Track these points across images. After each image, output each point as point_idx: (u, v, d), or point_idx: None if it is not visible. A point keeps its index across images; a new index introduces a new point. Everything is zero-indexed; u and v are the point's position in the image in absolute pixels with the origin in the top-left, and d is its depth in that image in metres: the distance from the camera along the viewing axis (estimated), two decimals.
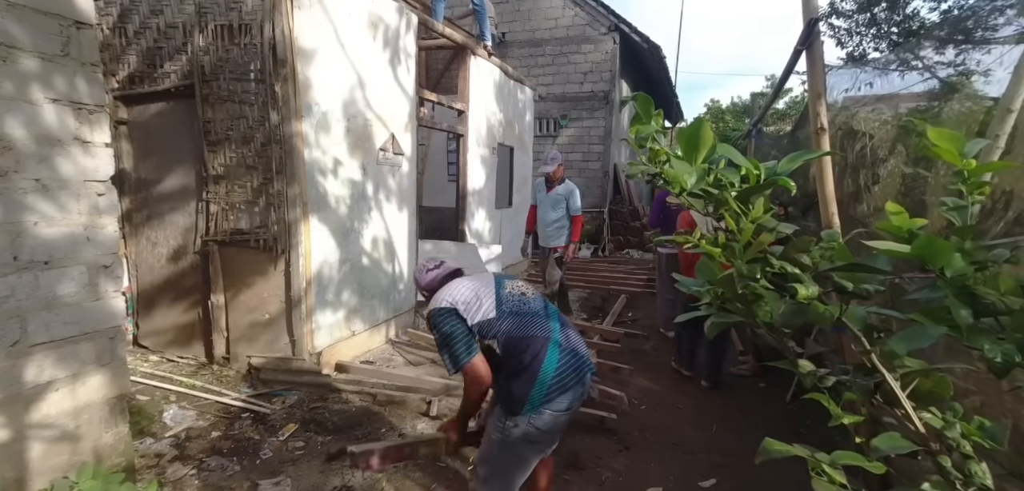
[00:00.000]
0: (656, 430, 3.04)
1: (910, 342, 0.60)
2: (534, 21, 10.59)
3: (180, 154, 3.44)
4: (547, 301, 1.81)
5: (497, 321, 1.63)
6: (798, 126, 4.59)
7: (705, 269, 0.74)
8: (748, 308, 0.63)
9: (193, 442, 2.60)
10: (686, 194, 0.64)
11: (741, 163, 0.67)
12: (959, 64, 5.62)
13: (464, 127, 5.54)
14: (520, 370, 1.58)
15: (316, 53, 3.27)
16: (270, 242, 3.21)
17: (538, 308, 1.72)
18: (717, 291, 0.67)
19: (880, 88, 4.02)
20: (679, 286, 0.82)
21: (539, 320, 1.66)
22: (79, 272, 1.83)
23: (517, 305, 1.69)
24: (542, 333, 1.62)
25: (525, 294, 1.76)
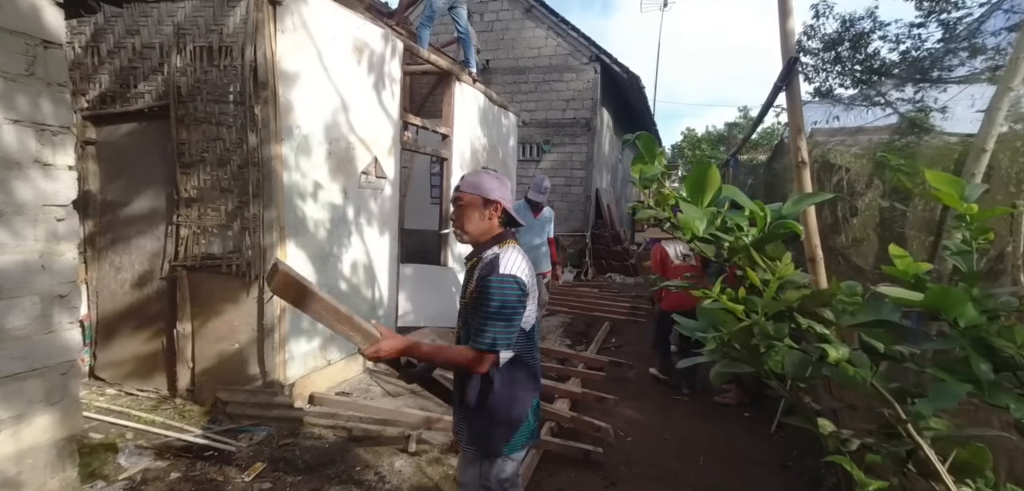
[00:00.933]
0: (642, 463, 2.98)
1: (936, 402, 0.57)
2: (518, 50, 10.79)
3: (150, 176, 3.30)
4: None
5: (524, 336, 1.43)
6: (774, 157, 4.73)
7: (708, 313, 0.71)
8: (757, 358, 0.60)
9: (149, 485, 2.42)
10: (696, 240, 0.61)
11: (747, 205, 0.65)
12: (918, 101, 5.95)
13: (448, 151, 5.52)
14: (518, 399, 1.44)
15: (299, 76, 3.22)
16: (243, 267, 3.09)
17: (538, 338, 1.55)
18: (723, 337, 0.65)
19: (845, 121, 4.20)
20: (679, 327, 0.79)
21: (539, 355, 1.53)
22: (31, 303, 1.70)
23: (537, 330, 1.51)
24: (539, 369, 1.51)
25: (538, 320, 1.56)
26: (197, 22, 3.08)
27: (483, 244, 1.45)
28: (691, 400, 4.00)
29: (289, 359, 3.23)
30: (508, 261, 1.36)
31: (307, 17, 3.24)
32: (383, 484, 2.51)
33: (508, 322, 1.34)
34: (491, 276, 1.35)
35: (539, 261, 4.55)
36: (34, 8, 1.70)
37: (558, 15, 10.46)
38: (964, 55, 5.66)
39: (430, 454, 2.78)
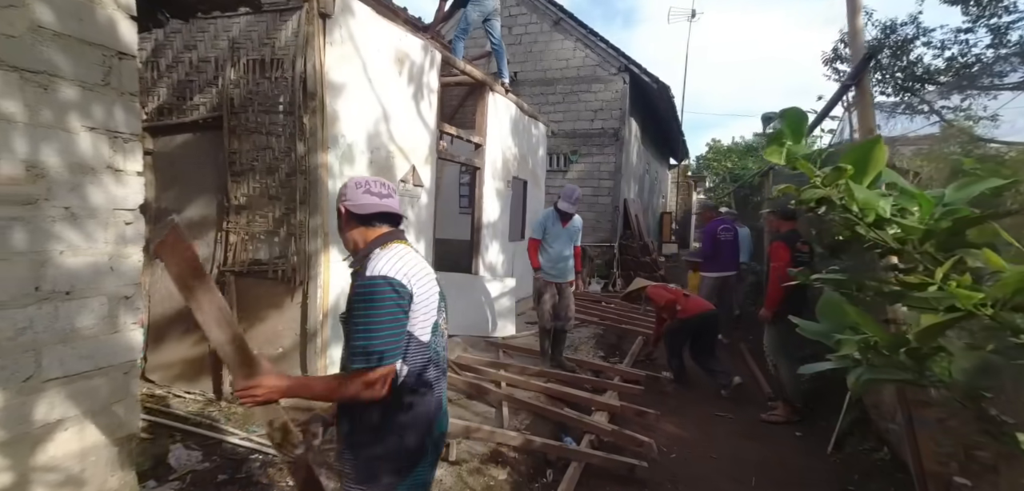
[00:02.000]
0: (690, 483, 2.86)
1: None
2: (546, 61, 10.83)
3: (203, 184, 3.42)
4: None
5: (420, 348, 1.25)
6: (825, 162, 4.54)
7: (833, 310, 0.65)
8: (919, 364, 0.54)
9: (199, 486, 2.46)
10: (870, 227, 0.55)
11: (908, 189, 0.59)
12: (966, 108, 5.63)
13: (481, 160, 5.55)
14: (406, 423, 1.24)
15: (345, 87, 3.29)
16: (289, 273, 3.15)
17: (444, 360, 1.36)
18: (869, 340, 0.58)
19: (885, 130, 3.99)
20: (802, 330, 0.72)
21: (442, 376, 1.34)
22: (99, 303, 1.76)
23: (441, 343, 1.33)
24: (439, 392, 1.32)
25: (445, 335, 1.38)
26: (251, 36, 3.19)
27: (361, 253, 1.29)
28: (735, 417, 3.85)
29: (330, 365, 3.26)
30: (378, 263, 1.20)
31: (354, 29, 3.32)
32: None
33: (386, 327, 1.15)
34: (358, 282, 1.22)
35: (566, 272, 4.45)
36: (111, 21, 1.78)
37: (587, 27, 10.47)
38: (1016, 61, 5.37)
39: (471, 464, 2.74)
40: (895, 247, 0.51)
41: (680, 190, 22.80)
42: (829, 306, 0.68)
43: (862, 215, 0.53)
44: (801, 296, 3.66)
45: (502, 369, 4.26)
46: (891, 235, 0.52)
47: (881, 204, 0.54)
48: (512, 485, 2.66)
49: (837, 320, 0.65)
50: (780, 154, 0.63)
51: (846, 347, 0.61)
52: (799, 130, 0.61)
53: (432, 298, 1.29)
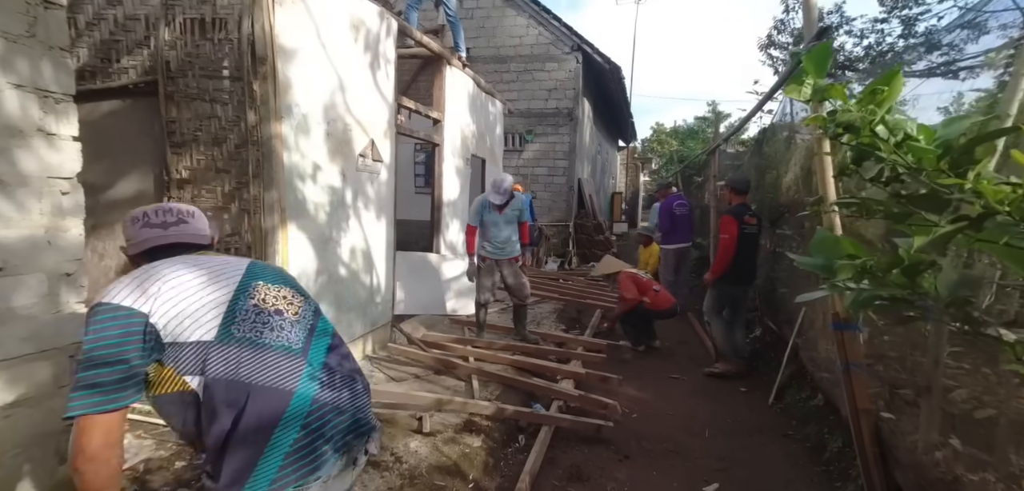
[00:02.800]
0: (652, 438, 3.05)
1: None
2: (499, 38, 10.72)
3: (137, 157, 3.11)
4: (315, 321, 1.21)
5: (211, 349, 1.01)
6: (763, 141, 4.90)
7: (826, 246, 0.72)
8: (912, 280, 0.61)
9: (155, 475, 2.31)
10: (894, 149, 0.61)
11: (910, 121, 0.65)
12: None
13: (440, 137, 5.45)
14: (240, 435, 0.98)
15: (297, 52, 3.10)
16: (243, 251, 2.96)
17: (294, 341, 1.11)
18: (865, 264, 0.66)
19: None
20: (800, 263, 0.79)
21: (285, 360, 1.06)
22: (38, 280, 1.58)
23: (260, 327, 1.08)
24: (281, 383, 1.03)
25: (282, 313, 1.13)
26: None
27: None
28: (688, 379, 4.12)
29: None
30: (114, 285, 1.02)
31: None
32: (400, 464, 2.47)
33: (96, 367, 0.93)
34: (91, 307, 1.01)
35: (510, 249, 4.48)
36: None
37: (539, 4, 10.45)
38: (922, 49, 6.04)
39: (445, 434, 2.76)
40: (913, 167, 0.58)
41: (628, 171, 23.57)
42: (823, 241, 0.76)
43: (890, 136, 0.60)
44: (741, 267, 3.99)
45: (469, 345, 4.28)
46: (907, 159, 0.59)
47: (908, 125, 0.61)
48: (487, 451, 2.71)
49: (831, 253, 0.72)
50: (800, 92, 0.68)
51: (843, 273, 0.68)
52: (822, 66, 0.67)
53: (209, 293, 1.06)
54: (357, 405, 1.13)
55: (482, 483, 2.49)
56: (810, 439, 2.96)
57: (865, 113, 0.62)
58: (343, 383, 1.13)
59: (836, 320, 2.19)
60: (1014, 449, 1.50)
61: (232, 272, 1.13)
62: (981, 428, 1.71)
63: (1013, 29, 2.23)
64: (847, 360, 2.17)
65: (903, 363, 2.41)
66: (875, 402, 2.27)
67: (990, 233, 0.53)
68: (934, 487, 1.71)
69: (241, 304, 1.08)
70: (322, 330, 1.20)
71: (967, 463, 1.62)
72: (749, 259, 4.04)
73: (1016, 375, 1.56)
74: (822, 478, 2.61)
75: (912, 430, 1.94)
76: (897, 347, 2.43)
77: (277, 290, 1.17)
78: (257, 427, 0.98)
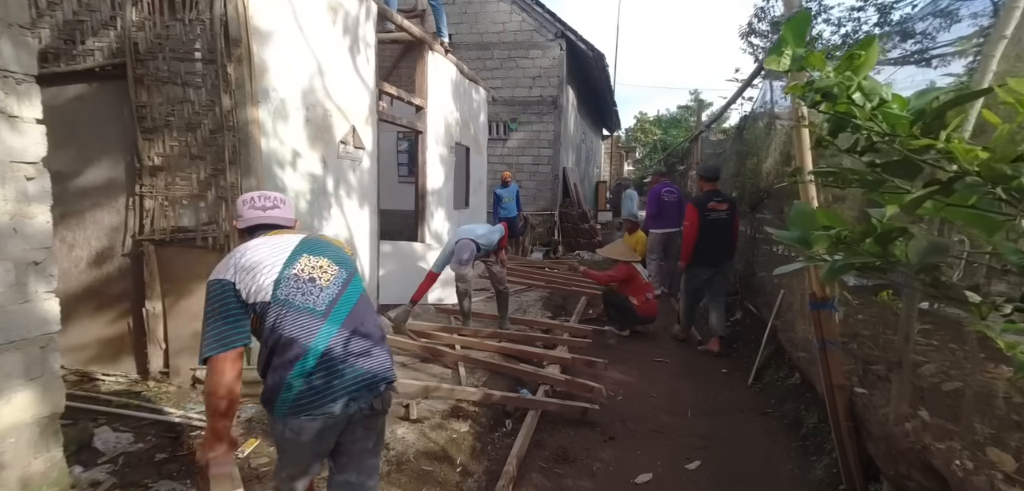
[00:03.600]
0: (636, 419, 3.10)
1: None
2: (482, 24, 10.60)
3: (105, 143, 3.00)
4: (345, 293, 1.47)
5: (269, 309, 1.35)
6: (743, 128, 4.97)
7: (803, 219, 0.74)
8: (884, 248, 0.63)
9: (135, 467, 2.25)
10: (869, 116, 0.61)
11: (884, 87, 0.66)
12: None
13: (423, 124, 5.38)
14: (274, 367, 1.35)
15: (273, 35, 3.01)
16: (221, 240, 2.89)
17: (319, 304, 1.40)
18: (840, 235, 0.67)
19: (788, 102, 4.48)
20: (777, 236, 0.81)
21: (308, 319, 1.37)
22: (4, 269, 1.52)
23: (293, 294, 1.38)
24: (302, 336, 1.34)
25: (315, 280, 1.42)
26: None
27: None
28: (672, 362, 4.20)
29: None
30: (223, 260, 1.43)
31: None
32: (388, 451, 2.46)
33: (212, 319, 1.33)
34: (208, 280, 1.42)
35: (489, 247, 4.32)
36: None
37: None
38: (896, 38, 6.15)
39: (432, 421, 2.76)
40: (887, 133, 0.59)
41: (613, 160, 23.68)
42: (800, 215, 0.77)
43: (866, 102, 0.61)
44: (708, 250, 4.26)
45: (455, 333, 4.27)
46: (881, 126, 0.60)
47: (883, 91, 0.62)
48: (474, 436, 2.72)
49: (807, 225, 0.74)
50: (780, 62, 0.68)
51: (820, 244, 0.69)
52: (801, 36, 0.67)
53: (269, 262, 1.40)
54: (366, 360, 1.42)
55: (470, 467, 2.50)
56: (788, 416, 3.05)
57: (843, 79, 0.63)
58: (356, 342, 1.42)
59: (813, 300, 2.25)
60: (978, 418, 1.57)
61: (285, 248, 1.44)
62: (948, 400, 1.79)
63: (984, 18, 2.29)
64: (823, 338, 2.23)
65: (876, 340, 2.49)
66: (849, 378, 2.34)
67: (960, 197, 0.55)
68: (904, 457, 1.78)
69: (286, 273, 1.40)
70: (348, 296, 1.47)
71: (935, 433, 1.68)
72: (717, 242, 4.24)
73: (982, 348, 1.62)
74: (799, 453, 2.70)
75: (884, 404, 2.01)
76: (871, 325, 2.52)
77: (316, 261, 1.45)
78: (280, 366, 1.34)
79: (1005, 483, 1.37)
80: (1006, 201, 0.54)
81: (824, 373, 2.31)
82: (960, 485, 1.46)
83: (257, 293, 1.35)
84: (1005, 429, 1.48)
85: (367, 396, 1.40)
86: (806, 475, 2.50)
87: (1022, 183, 0.51)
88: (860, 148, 0.65)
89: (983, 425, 1.53)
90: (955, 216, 0.62)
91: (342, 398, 1.36)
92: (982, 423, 1.54)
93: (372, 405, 1.42)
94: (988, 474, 1.40)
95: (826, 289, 2.23)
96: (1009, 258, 0.56)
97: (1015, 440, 1.42)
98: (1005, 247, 0.57)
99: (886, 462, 1.95)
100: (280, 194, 1.60)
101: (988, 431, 1.52)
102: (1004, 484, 1.37)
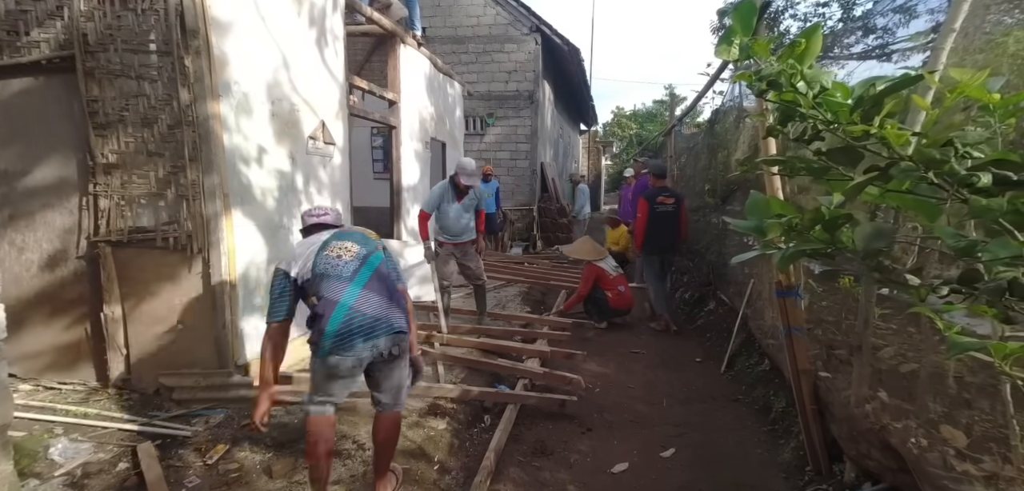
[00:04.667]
0: (613, 410, 3.14)
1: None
2: (456, 18, 10.48)
3: (55, 140, 2.84)
4: (364, 266, 1.97)
5: (312, 282, 1.92)
6: (714, 122, 5.06)
7: (759, 208, 0.74)
8: (831, 235, 0.63)
9: (94, 478, 2.16)
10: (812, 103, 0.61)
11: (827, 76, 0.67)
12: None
13: (396, 119, 5.29)
14: (316, 322, 1.88)
15: (233, 25, 2.90)
16: (183, 240, 2.78)
17: (345, 273, 1.92)
18: (791, 222, 0.68)
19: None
20: (735, 226, 0.81)
21: (337, 283, 1.90)
22: None
23: (326, 267, 1.92)
24: (333, 296, 1.87)
25: (341, 257, 1.95)
26: None
27: None
28: (648, 353, 4.26)
29: (243, 338, 2.98)
30: (279, 263, 2.06)
31: None
32: (363, 452, 2.42)
33: (271, 297, 1.97)
34: None
35: (466, 232, 4.38)
36: None
37: None
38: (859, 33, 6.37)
39: (409, 419, 2.72)
40: (830, 121, 0.60)
41: (591, 155, 23.85)
42: (755, 204, 0.78)
43: (807, 90, 0.61)
44: (658, 238, 4.73)
45: (434, 330, 4.23)
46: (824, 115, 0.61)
47: (824, 78, 0.62)
48: (452, 432, 2.70)
49: (762, 213, 0.74)
50: (729, 51, 0.68)
51: (773, 231, 0.70)
52: (749, 24, 0.67)
53: (310, 250, 1.97)
54: (380, 314, 1.91)
55: (447, 463, 2.48)
56: (758, 402, 3.13)
57: (787, 67, 0.63)
58: (374, 299, 1.92)
59: (778, 288, 2.31)
60: (932, 397, 1.63)
61: (321, 238, 2.01)
62: (905, 381, 1.86)
63: (940, 14, 2.38)
64: (789, 325, 2.29)
65: (839, 326, 2.57)
66: (814, 363, 2.42)
67: (896, 183, 0.56)
68: (864, 437, 1.85)
69: (321, 254, 1.95)
70: (369, 266, 1.98)
71: (893, 413, 1.75)
72: (666, 231, 4.74)
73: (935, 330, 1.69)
74: (768, 437, 2.77)
75: (846, 387, 2.08)
76: (834, 311, 2.60)
77: (342, 244, 1.99)
78: (321, 318, 1.86)
79: (957, 459, 1.43)
80: (938, 184, 0.55)
81: (790, 359, 2.37)
82: (915, 462, 1.52)
83: (303, 272, 1.93)
84: (956, 407, 1.55)
85: (384, 342, 1.90)
86: (775, 458, 2.57)
87: (953, 167, 0.52)
88: (807, 137, 0.66)
89: (936, 404, 1.60)
90: (894, 202, 0.63)
91: (365, 342, 1.86)
92: (935, 402, 1.60)
93: (390, 350, 1.92)
94: (941, 451, 1.46)
95: (791, 277, 2.29)
96: (947, 241, 0.57)
97: (965, 417, 1.49)
98: (944, 231, 0.58)
99: (848, 443, 2.01)
100: (327, 205, 2.52)
101: (941, 409, 1.59)
102: (956, 460, 1.43)
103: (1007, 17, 1.97)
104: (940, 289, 0.59)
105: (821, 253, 0.68)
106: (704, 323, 4.87)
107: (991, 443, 1.37)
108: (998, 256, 0.50)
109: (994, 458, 1.32)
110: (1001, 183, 0.51)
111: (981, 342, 0.57)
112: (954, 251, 0.56)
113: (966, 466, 1.36)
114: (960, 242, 0.55)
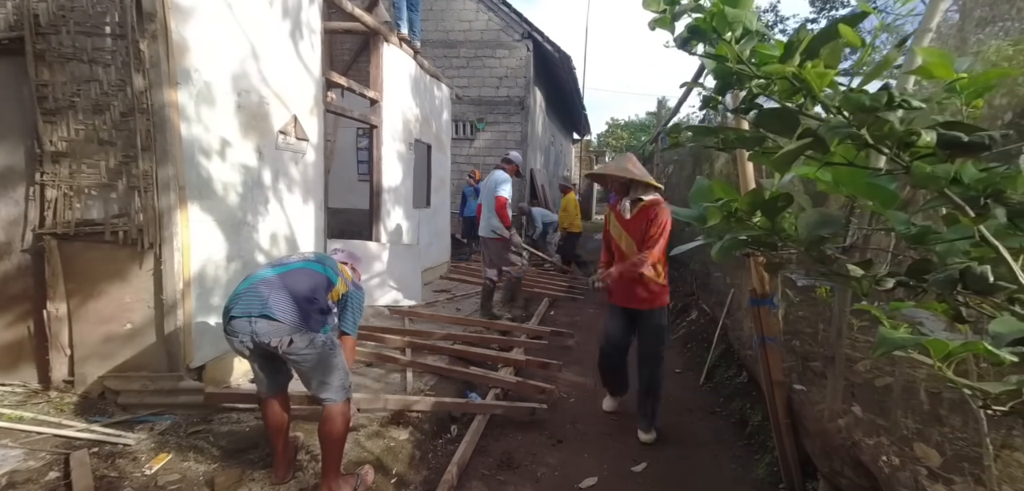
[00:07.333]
0: (586, 421, 3.02)
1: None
2: (448, 22, 10.43)
3: (1, 126, 2.70)
4: (298, 263, 2.12)
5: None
6: None
7: (701, 193, 0.65)
8: (772, 221, 0.54)
9: (19, 488, 2.00)
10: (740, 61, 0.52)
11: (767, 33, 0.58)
12: None
13: (378, 118, 5.18)
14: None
15: (195, 10, 2.78)
16: (133, 234, 2.63)
17: (279, 264, 2.10)
18: (730, 207, 0.58)
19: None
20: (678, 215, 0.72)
21: (268, 268, 2.08)
22: None
23: (279, 261, 2.15)
24: (257, 271, 2.07)
25: (290, 256, 2.19)
26: None
27: None
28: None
29: (198, 340, 2.83)
30: None
31: None
32: (316, 463, 2.28)
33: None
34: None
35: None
36: None
37: None
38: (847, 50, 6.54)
39: (369, 429, 2.59)
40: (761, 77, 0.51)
41: (583, 164, 23.89)
42: (699, 191, 0.69)
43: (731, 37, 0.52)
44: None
45: (407, 335, 4.10)
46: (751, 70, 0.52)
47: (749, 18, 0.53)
48: (414, 443, 2.57)
49: (705, 199, 0.65)
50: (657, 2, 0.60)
51: (712, 218, 0.61)
52: None
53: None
54: (268, 296, 1.93)
55: (406, 477, 2.35)
56: (735, 415, 3.03)
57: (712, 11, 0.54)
58: (276, 286, 1.97)
59: (753, 296, 2.21)
60: (905, 413, 1.54)
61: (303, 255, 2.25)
62: (879, 395, 1.77)
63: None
64: (763, 334, 2.20)
65: (815, 337, 2.49)
66: (789, 375, 2.32)
67: (834, 154, 0.46)
68: (837, 453, 1.75)
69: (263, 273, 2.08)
70: (302, 265, 2.10)
71: (865, 429, 1.66)
72: None
73: None
74: (744, 451, 2.67)
75: (820, 400, 1.99)
76: (811, 321, 2.51)
77: (301, 254, 2.25)
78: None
79: (928, 479, 1.33)
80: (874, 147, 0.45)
81: (764, 369, 2.28)
82: (887, 481, 1.43)
83: None
84: (930, 424, 1.45)
85: (261, 325, 1.89)
86: (749, 474, 2.47)
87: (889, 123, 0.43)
88: (744, 105, 0.57)
89: (909, 419, 1.51)
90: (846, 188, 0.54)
91: (241, 318, 1.91)
92: (907, 417, 1.51)
93: (270, 340, 1.89)
94: (913, 470, 1.37)
95: (765, 284, 2.20)
96: (898, 228, 0.48)
97: (938, 434, 1.40)
98: (895, 217, 0.49)
99: (821, 458, 1.92)
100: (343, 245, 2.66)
101: (914, 425, 1.50)
102: (928, 480, 1.34)
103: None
104: (885, 282, 0.49)
105: (761, 242, 0.59)
106: (686, 333, 4.78)
107: (964, 462, 1.28)
108: (952, 242, 0.40)
109: (965, 479, 1.22)
110: (948, 146, 0.42)
111: (915, 339, 0.47)
112: (905, 239, 0.47)
113: (938, 487, 1.27)
114: (911, 229, 0.46)
